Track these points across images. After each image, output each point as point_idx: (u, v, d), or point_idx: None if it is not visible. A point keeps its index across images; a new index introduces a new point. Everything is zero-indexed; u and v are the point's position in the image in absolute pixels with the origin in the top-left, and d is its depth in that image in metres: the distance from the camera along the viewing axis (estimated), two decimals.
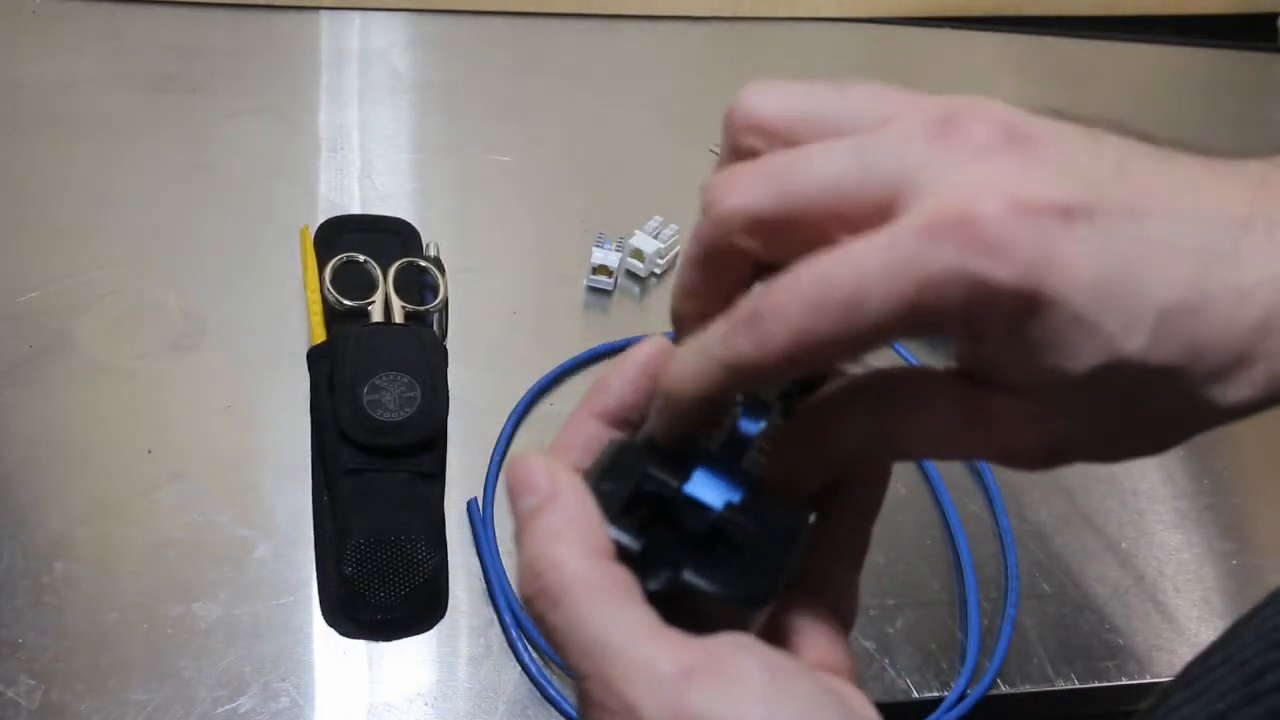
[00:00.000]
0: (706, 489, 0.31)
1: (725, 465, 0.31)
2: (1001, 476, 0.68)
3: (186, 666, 0.55)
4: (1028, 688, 0.61)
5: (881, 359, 0.30)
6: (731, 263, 0.29)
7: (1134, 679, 0.62)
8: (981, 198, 0.26)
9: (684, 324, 0.32)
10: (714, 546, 0.30)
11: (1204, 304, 0.26)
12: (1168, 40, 1.01)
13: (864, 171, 0.27)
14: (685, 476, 0.31)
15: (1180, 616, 0.64)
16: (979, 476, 0.68)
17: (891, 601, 0.62)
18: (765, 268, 0.29)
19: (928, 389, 0.30)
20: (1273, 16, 1.04)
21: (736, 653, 0.27)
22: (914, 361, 0.72)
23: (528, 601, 0.29)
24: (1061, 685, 0.61)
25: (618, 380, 0.33)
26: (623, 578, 0.28)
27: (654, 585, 0.29)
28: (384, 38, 0.86)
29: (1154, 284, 0.26)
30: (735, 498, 0.31)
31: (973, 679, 0.60)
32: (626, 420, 0.33)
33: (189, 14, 0.84)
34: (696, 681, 0.26)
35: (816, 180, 0.28)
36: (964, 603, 0.63)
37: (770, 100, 0.30)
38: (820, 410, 0.31)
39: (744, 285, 0.30)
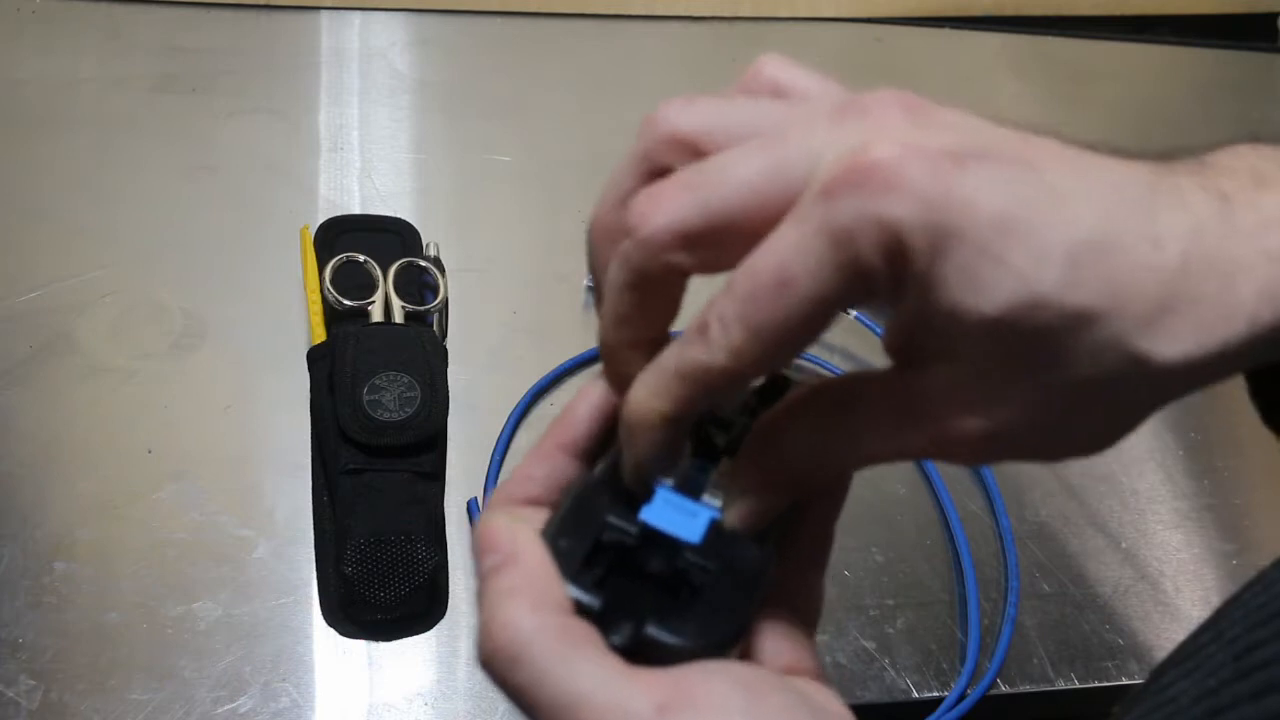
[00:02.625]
0: (668, 528, 0.30)
1: (684, 503, 0.31)
2: (1001, 476, 0.68)
3: (186, 666, 0.55)
4: (1028, 688, 0.61)
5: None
6: (665, 285, 0.29)
7: (1134, 679, 0.62)
8: (874, 147, 0.26)
9: (616, 355, 0.31)
10: (677, 591, 0.30)
11: (1117, 245, 0.26)
12: (1168, 40, 1.01)
13: (776, 166, 0.27)
14: (643, 520, 0.30)
15: (1180, 616, 0.64)
16: (979, 476, 0.68)
17: (891, 601, 0.62)
18: None
19: (860, 389, 0.29)
20: (1273, 16, 1.04)
21: (708, 678, 0.27)
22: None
23: (486, 664, 0.28)
24: (1061, 685, 0.61)
25: (583, 408, 0.33)
26: (582, 630, 0.28)
27: (617, 640, 0.29)
28: (384, 38, 0.86)
29: (1061, 223, 0.25)
30: (697, 538, 0.30)
31: (973, 679, 0.60)
32: (590, 451, 0.33)
33: (189, 14, 0.84)
34: (673, 714, 0.26)
35: (734, 184, 0.27)
36: (964, 603, 0.63)
37: (687, 114, 0.30)
38: (763, 436, 0.30)
39: (676, 307, 0.30)
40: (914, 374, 0.28)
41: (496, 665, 0.28)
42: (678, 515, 0.31)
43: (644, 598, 0.30)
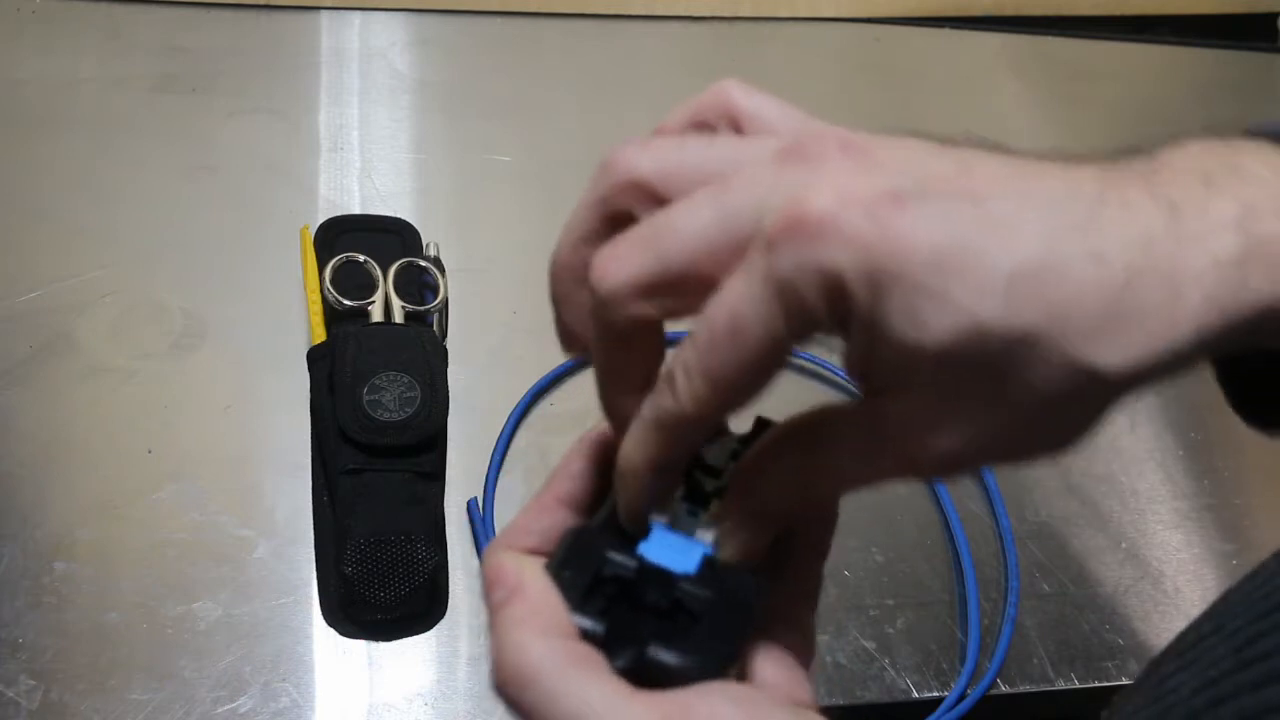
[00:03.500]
0: (664, 564, 0.32)
1: (678, 541, 0.33)
2: (1001, 476, 0.68)
3: (186, 666, 0.55)
4: (1028, 688, 0.61)
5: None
6: (638, 334, 0.31)
7: (1134, 679, 0.62)
8: (810, 197, 0.27)
9: (613, 406, 0.33)
10: (675, 618, 0.31)
11: (1058, 267, 0.26)
12: (1168, 40, 1.01)
13: (724, 216, 0.29)
14: (641, 555, 0.32)
15: (1180, 617, 0.64)
16: (979, 476, 0.68)
17: (891, 601, 0.63)
18: None
19: (830, 421, 0.30)
20: (1273, 16, 1.04)
21: (707, 697, 0.29)
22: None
23: (501, 689, 0.29)
24: (1061, 685, 0.61)
25: (578, 463, 0.34)
26: (589, 654, 0.30)
27: (621, 663, 0.30)
28: (384, 38, 0.86)
29: (1000, 252, 0.26)
30: (691, 569, 0.32)
31: (973, 679, 0.60)
32: (587, 505, 0.34)
33: (189, 14, 0.84)
34: None
35: (686, 237, 0.29)
36: (964, 603, 0.63)
37: (642, 158, 0.31)
38: (744, 476, 0.32)
39: (660, 353, 0.32)
40: (878, 402, 0.29)
41: (509, 689, 0.29)
42: (673, 551, 0.32)
43: (644, 626, 0.31)
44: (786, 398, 0.34)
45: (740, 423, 0.35)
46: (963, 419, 0.28)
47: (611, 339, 0.31)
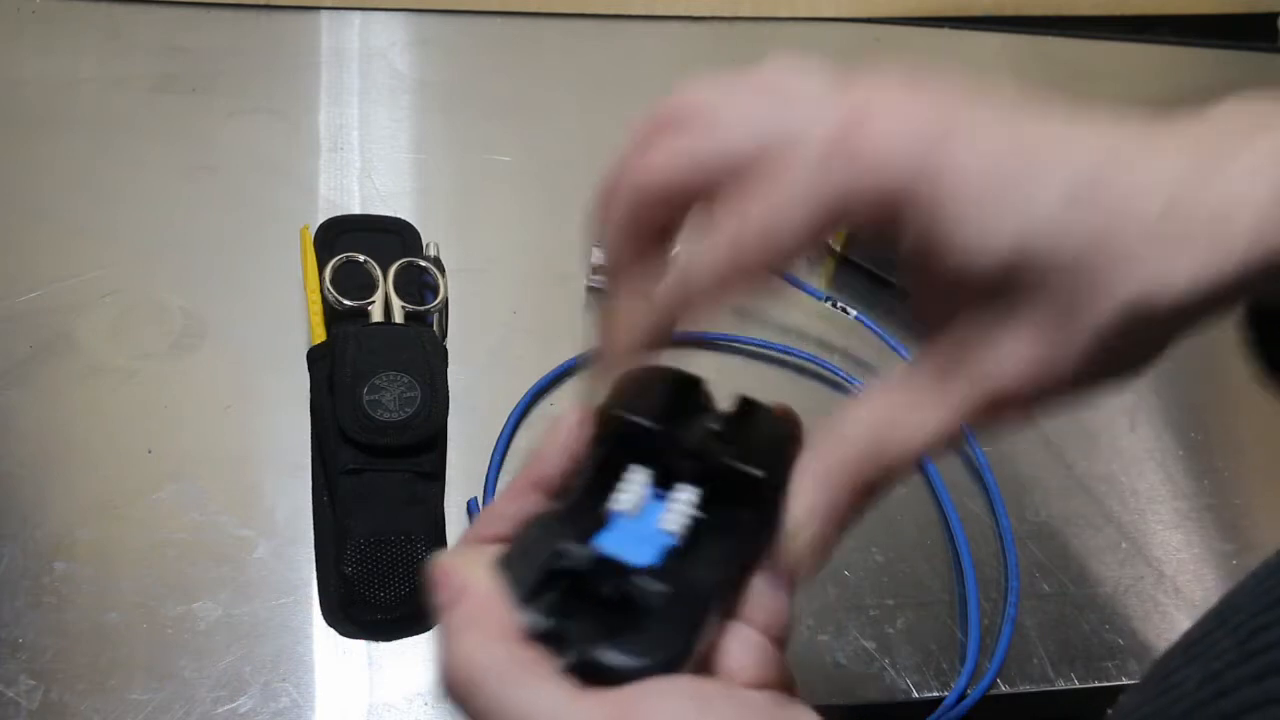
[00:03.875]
0: (621, 555, 0.31)
1: (640, 531, 0.32)
2: (1001, 476, 0.68)
3: (186, 666, 0.55)
4: (1028, 688, 0.61)
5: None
6: (651, 237, 0.32)
7: (1134, 679, 0.62)
8: (874, 103, 0.28)
9: (621, 304, 0.33)
10: (628, 614, 0.30)
11: (1111, 185, 0.27)
12: (1168, 40, 1.01)
13: (781, 121, 0.29)
14: (596, 547, 0.31)
15: (1180, 617, 0.64)
16: (979, 476, 0.68)
17: (891, 601, 0.62)
18: None
19: (904, 377, 0.31)
20: (1273, 16, 1.04)
21: (655, 696, 0.28)
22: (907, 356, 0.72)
23: (449, 695, 0.29)
24: (1061, 685, 0.61)
25: (552, 448, 0.34)
26: (532, 656, 0.29)
27: (568, 661, 0.29)
28: (384, 38, 0.86)
29: (1057, 168, 0.27)
30: (649, 561, 0.31)
31: (973, 679, 0.60)
32: (563, 488, 0.34)
33: (189, 14, 0.84)
34: None
35: (739, 139, 0.30)
36: (964, 603, 0.63)
37: (702, 87, 0.32)
38: (822, 451, 0.32)
39: (670, 244, 0.32)
40: (949, 343, 0.30)
41: (456, 695, 0.29)
42: (632, 542, 0.31)
43: (595, 622, 0.30)
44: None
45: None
46: (1024, 342, 0.28)
47: (631, 244, 0.32)
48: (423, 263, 0.69)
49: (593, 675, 0.29)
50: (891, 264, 0.75)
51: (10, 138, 0.75)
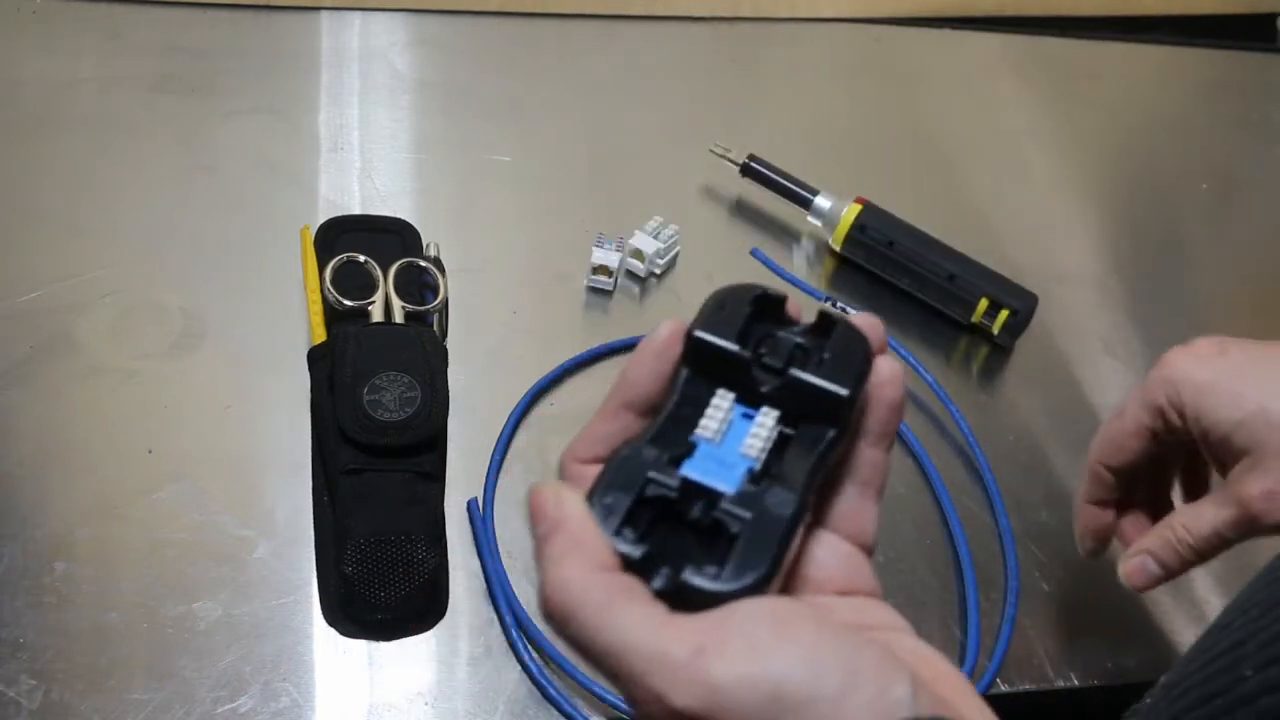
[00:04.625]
0: (707, 481, 0.32)
1: (725, 456, 0.33)
2: (1001, 477, 0.68)
3: (187, 666, 0.55)
4: (1028, 687, 0.61)
5: None
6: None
7: (1133, 679, 0.62)
8: (1188, 348, 0.54)
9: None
10: (716, 539, 0.32)
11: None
12: (1168, 40, 1.01)
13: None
14: (683, 474, 0.33)
15: (1179, 617, 0.64)
16: (979, 476, 0.68)
17: (891, 601, 0.62)
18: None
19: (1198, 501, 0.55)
20: (1273, 16, 1.04)
21: (741, 619, 0.30)
22: (904, 354, 0.72)
23: (548, 621, 0.31)
24: (1061, 685, 0.61)
25: (639, 371, 0.35)
26: (628, 584, 0.31)
27: (657, 585, 0.31)
28: (384, 38, 0.86)
29: (1273, 371, 0.52)
30: (733, 488, 0.32)
31: (972, 679, 0.60)
32: (650, 409, 0.35)
33: (189, 14, 0.84)
34: (710, 657, 0.29)
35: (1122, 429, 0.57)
36: (964, 603, 0.63)
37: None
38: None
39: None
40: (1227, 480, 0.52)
41: (554, 622, 0.31)
42: (716, 468, 0.33)
43: (685, 547, 0.32)
44: None
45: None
46: (1262, 470, 0.49)
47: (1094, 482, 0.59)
48: (423, 263, 0.69)
49: (682, 599, 0.30)
50: (891, 263, 0.75)
51: (10, 138, 0.75)
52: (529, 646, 0.58)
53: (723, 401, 0.34)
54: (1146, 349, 0.77)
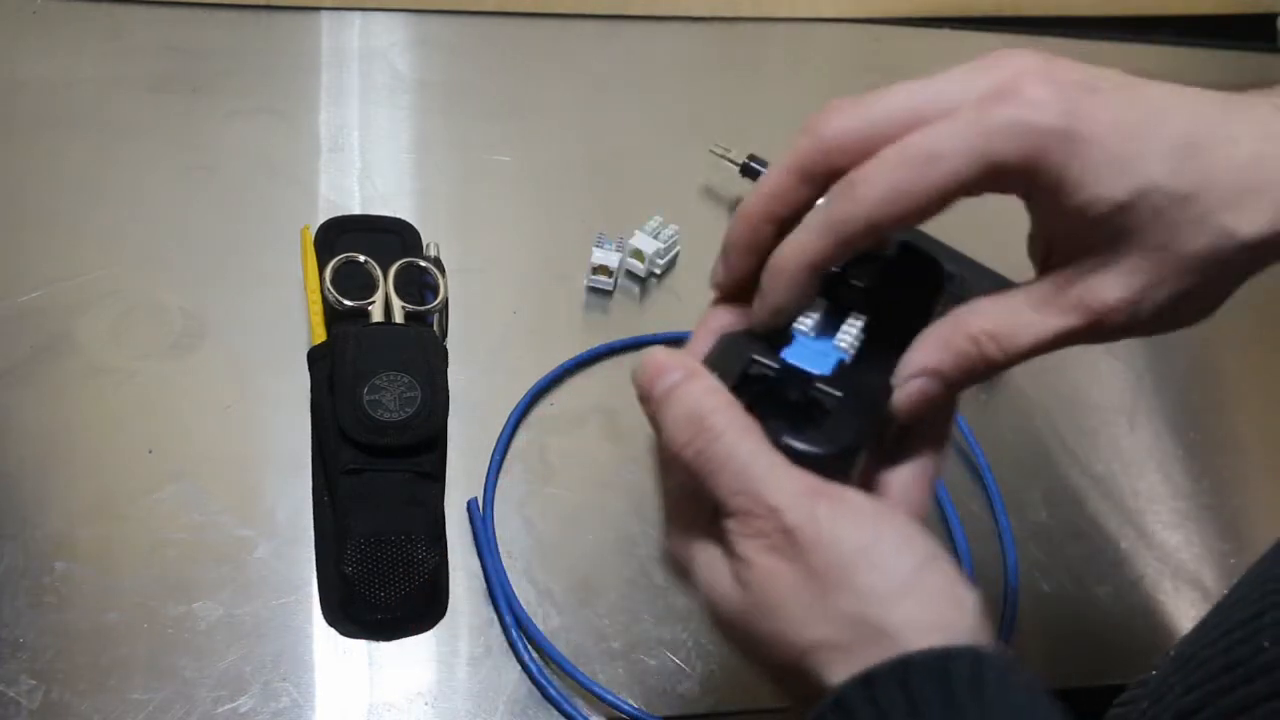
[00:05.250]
0: (803, 365, 0.37)
1: (819, 348, 0.38)
2: (1001, 477, 0.68)
3: (187, 666, 0.55)
4: None
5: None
6: (815, 175, 0.36)
7: (1134, 679, 0.62)
8: (1024, 74, 0.34)
9: (751, 224, 0.38)
10: (810, 413, 0.36)
11: (1205, 144, 0.34)
12: (1168, 40, 1.01)
13: (933, 93, 0.35)
14: (784, 358, 0.37)
15: (1180, 617, 0.65)
16: (979, 476, 0.68)
17: None
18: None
19: (1015, 290, 0.38)
20: (1273, 16, 1.03)
21: (846, 490, 0.35)
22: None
23: (684, 445, 0.35)
24: (1061, 685, 0.61)
25: (720, 319, 0.40)
26: (755, 424, 0.35)
27: None
28: (384, 38, 0.86)
29: (1164, 128, 0.34)
30: (827, 371, 0.37)
31: None
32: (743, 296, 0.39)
33: (189, 14, 0.84)
34: (824, 500, 0.34)
35: (896, 105, 0.35)
36: None
37: (833, 122, 0.36)
38: (935, 334, 0.38)
39: (811, 202, 0.37)
40: (1059, 272, 0.36)
41: (700, 441, 0.35)
42: (811, 355, 0.37)
43: (783, 419, 0.36)
44: None
45: None
46: (1126, 272, 0.35)
47: (795, 169, 0.36)
48: (423, 263, 0.69)
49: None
50: None
51: (10, 138, 0.75)
52: (529, 646, 0.58)
53: (819, 305, 0.39)
54: (1146, 349, 0.77)
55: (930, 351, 0.37)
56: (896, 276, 0.39)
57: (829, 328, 0.38)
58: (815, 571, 0.33)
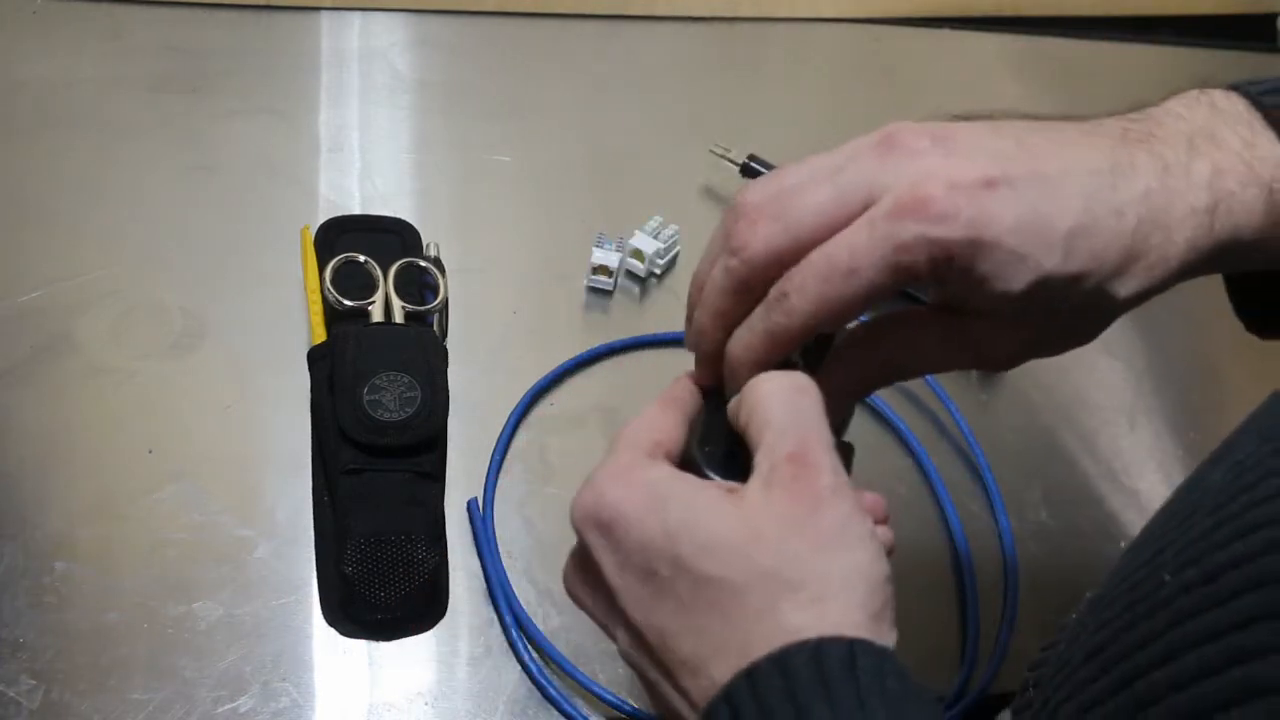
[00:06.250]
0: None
1: None
2: (1001, 477, 0.68)
3: (187, 666, 0.55)
4: None
5: None
6: (756, 288, 0.39)
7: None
8: (927, 184, 0.36)
9: (706, 334, 0.42)
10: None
11: (1094, 224, 0.37)
12: (1168, 40, 1.01)
13: (840, 192, 0.38)
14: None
15: None
16: (979, 476, 0.68)
17: None
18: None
19: (921, 321, 0.41)
20: (1273, 16, 1.04)
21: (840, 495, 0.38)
22: None
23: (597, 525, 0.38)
24: None
25: (681, 390, 0.44)
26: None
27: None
28: (384, 38, 0.86)
29: (1058, 218, 0.36)
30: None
31: (971, 679, 0.60)
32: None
33: (189, 14, 0.84)
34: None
35: (809, 213, 0.38)
36: (964, 603, 0.63)
37: (757, 243, 0.39)
38: (842, 360, 0.42)
39: (758, 300, 0.40)
40: (960, 319, 0.40)
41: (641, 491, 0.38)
42: None
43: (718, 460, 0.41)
44: None
45: None
46: (1022, 331, 0.40)
47: (735, 290, 0.39)
48: (423, 263, 0.69)
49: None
50: None
51: (10, 138, 0.75)
52: (529, 646, 0.58)
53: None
54: (1146, 349, 0.77)
55: (836, 374, 0.42)
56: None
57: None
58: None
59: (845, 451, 0.42)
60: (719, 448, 0.41)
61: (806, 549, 0.35)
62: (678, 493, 0.37)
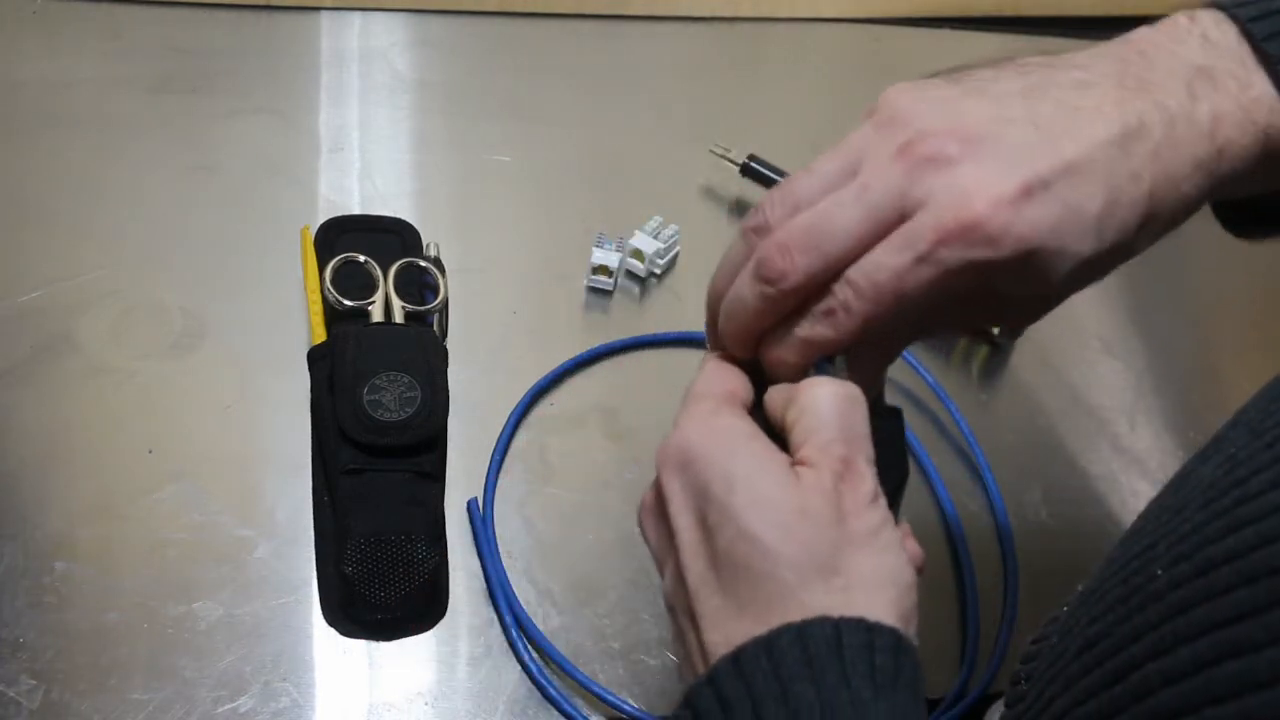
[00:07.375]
0: None
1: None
2: (1001, 477, 0.68)
3: (187, 666, 0.55)
4: None
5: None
6: (791, 306, 0.41)
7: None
8: (970, 205, 0.37)
9: (737, 347, 0.43)
10: None
11: (1117, 198, 0.38)
12: None
13: (870, 212, 0.38)
14: None
15: None
16: (979, 476, 0.68)
17: None
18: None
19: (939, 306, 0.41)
20: None
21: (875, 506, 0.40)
22: (921, 371, 0.72)
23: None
24: None
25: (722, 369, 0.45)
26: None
27: None
28: (384, 38, 0.86)
29: (1088, 204, 0.37)
30: None
31: (972, 679, 0.60)
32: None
33: (189, 14, 0.84)
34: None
35: (841, 234, 0.39)
36: (964, 603, 0.63)
37: (782, 262, 0.40)
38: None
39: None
40: (971, 304, 0.41)
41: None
42: None
43: None
44: None
45: None
46: (1024, 309, 0.43)
47: (772, 311, 0.41)
48: (423, 263, 0.69)
49: None
50: None
51: (10, 138, 0.75)
52: (529, 646, 0.58)
53: None
54: (1147, 349, 0.77)
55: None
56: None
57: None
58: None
59: (895, 415, 0.45)
60: None
61: (846, 541, 0.37)
62: (748, 448, 0.39)
